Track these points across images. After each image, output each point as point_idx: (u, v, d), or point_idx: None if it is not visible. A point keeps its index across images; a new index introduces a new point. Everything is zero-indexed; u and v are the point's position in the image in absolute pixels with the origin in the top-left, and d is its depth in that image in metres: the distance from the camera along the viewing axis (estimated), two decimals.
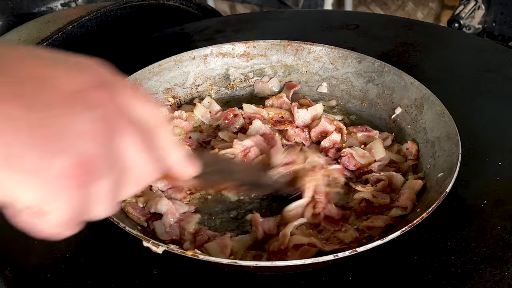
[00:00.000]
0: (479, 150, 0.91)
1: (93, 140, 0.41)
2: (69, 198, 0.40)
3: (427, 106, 0.90)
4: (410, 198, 0.78)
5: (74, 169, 0.40)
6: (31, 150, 0.38)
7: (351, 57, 1.03)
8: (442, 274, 0.71)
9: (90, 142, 0.41)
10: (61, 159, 0.39)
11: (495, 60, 1.17)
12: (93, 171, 0.41)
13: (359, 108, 1.02)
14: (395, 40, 1.26)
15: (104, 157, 0.42)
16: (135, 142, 0.45)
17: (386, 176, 0.84)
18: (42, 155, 0.38)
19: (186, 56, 1.04)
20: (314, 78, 1.07)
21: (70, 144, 0.40)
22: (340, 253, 0.65)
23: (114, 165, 0.43)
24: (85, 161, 0.40)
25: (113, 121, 0.43)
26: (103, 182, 0.42)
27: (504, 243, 0.75)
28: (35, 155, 0.38)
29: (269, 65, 1.08)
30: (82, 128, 0.40)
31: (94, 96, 0.42)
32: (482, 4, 1.83)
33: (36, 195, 0.39)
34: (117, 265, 0.74)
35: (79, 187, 0.41)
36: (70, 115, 0.40)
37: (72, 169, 0.40)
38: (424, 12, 2.74)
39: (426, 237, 0.77)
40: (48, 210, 0.40)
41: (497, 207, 0.81)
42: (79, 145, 0.40)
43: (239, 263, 0.66)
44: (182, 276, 0.73)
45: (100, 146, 0.41)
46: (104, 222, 0.71)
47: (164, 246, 0.66)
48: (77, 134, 0.40)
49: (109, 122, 0.42)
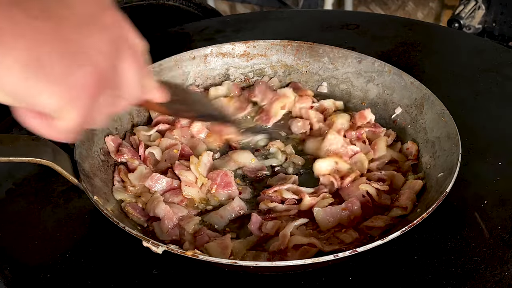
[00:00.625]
0: (479, 150, 0.91)
1: (106, 56, 0.47)
2: (82, 106, 0.46)
3: (427, 106, 0.90)
4: (410, 198, 0.78)
5: (91, 79, 0.45)
6: (59, 60, 0.43)
7: (351, 57, 1.03)
8: (442, 274, 0.71)
9: (104, 57, 0.47)
10: (82, 70, 0.45)
11: (495, 60, 1.17)
12: (103, 83, 0.47)
13: (359, 108, 1.01)
14: (395, 40, 1.26)
15: (111, 72, 0.48)
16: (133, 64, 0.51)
17: (387, 175, 0.84)
18: (69, 65, 0.44)
19: (186, 56, 1.04)
20: (314, 78, 1.07)
21: (90, 58, 0.45)
22: (340, 253, 0.65)
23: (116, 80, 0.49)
24: (99, 73, 0.46)
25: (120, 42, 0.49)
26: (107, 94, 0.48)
27: (504, 243, 0.75)
28: (62, 65, 0.43)
29: (269, 65, 1.08)
30: (99, 45, 0.46)
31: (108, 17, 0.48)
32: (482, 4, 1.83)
33: (57, 101, 0.44)
34: (117, 265, 0.74)
35: (91, 96, 0.46)
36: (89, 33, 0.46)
37: (90, 79, 0.45)
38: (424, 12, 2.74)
39: (426, 237, 0.77)
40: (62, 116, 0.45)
41: (497, 207, 0.81)
42: (97, 59, 0.46)
43: (239, 263, 0.66)
44: (182, 276, 0.73)
45: (110, 62, 0.48)
46: (104, 222, 0.71)
47: (164, 246, 0.66)
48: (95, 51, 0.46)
49: (117, 42, 0.49)
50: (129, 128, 0.95)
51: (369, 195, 0.81)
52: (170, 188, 0.83)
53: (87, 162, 0.80)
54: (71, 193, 0.86)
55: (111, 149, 0.88)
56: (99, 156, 0.85)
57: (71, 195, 0.85)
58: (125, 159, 0.87)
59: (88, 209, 0.82)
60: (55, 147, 0.77)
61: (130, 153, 0.88)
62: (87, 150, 0.82)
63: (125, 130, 0.94)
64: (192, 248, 0.73)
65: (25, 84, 0.43)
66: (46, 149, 0.75)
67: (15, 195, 0.86)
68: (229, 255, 0.72)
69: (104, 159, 0.86)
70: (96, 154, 0.85)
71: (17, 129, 1.00)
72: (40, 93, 0.43)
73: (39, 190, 0.87)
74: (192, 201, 0.82)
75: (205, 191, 0.84)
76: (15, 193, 0.87)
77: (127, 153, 0.87)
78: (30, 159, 0.73)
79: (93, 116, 0.48)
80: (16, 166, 0.89)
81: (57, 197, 0.85)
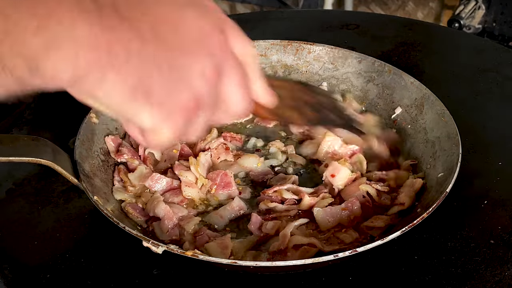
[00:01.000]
0: (479, 150, 0.91)
1: (207, 82, 0.48)
2: (178, 126, 0.49)
3: (427, 106, 0.90)
4: (409, 195, 0.78)
5: (189, 104, 0.48)
6: (163, 86, 0.46)
7: (351, 57, 1.03)
8: (442, 274, 0.71)
9: (205, 83, 0.48)
10: (182, 96, 0.47)
11: (495, 60, 1.17)
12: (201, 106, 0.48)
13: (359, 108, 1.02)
14: (395, 40, 1.26)
15: (212, 95, 0.49)
16: (236, 80, 0.52)
17: (388, 176, 0.84)
18: (171, 90, 0.46)
19: None
20: (314, 78, 1.07)
21: (191, 84, 0.47)
22: (340, 253, 0.65)
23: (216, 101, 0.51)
24: (198, 98, 0.48)
25: (225, 64, 0.50)
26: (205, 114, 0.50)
27: (504, 243, 0.75)
28: (165, 90, 0.46)
29: (269, 65, 1.08)
30: (202, 71, 0.48)
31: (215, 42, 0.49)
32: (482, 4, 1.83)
33: (154, 121, 0.47)
34: (117, 265, 0.74)
35: (187, 119, 0.49)
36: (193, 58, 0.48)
37: (188, 104, 0.47)
38: (424, 12, 2.74)
39: (426, 237, 0.77)
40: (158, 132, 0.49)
41: (497, 207, 0.81)
42: (197, 85, 0.48)
43: (239, 263, 0.66)
44: (182, 276, 0.73)
45: (211, 87, 0.48)
46: (104, 222, 0.71)
47: (164, 246, 0.66)
48: (197, 76, 0.48)
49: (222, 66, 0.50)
50: None
51: (369, 195, 0.80)
52: (170, 188, 0.83)
53: (87, 162, 0.80)
54: (71, 193, 0.86)
55: (111, 149, 0.88)
56: (99, 156, 0.85)
57: (71, 195, 0.85)
58: (125, 159, 0.87)
59: (88, 209, 0.82)
60: (55, 147, 0.77)
61: (130, 153, 0.88)
62: (87, 150, 0.82)
63: (125, 130, 0.94)
64: (192, 248, 0.73)
65: (129, 104, 0.45)
66: (46, 149, 0.75)
67: (15, 195, 0.86)
68: (229, 255, 0.72)
69: (104, 159, 0.86)
70: (96, 154, 0.85)
71: (17, 129, 1.00)
72: (141, 113, 0.46)
73: (39, 190, 0.87)
74: (192, 201, 0.82)
75: (205, 192, 0.84)
76: (15, 193, 0.86)
77: (127, 153, 0.87)
78: (30, 159, 0.73)
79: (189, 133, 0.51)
80: (16, 166, 0.89)
81: (57, 197, 0.85)
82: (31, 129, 1.00)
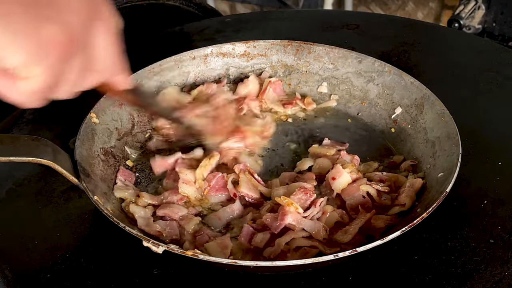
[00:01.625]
0: (479, 150, 0.91)
1: (78, 16, 0.45)
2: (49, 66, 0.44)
3: (427, 106, 0.90)
4: (409, 196, 0.78)
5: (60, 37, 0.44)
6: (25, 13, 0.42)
7: (351, 57, 1.03)
8: (442, 274, 0.71)
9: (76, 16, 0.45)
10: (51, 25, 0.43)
11: (495, 60, 1.17)
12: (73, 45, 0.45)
13: (359, 108, 1.02)
14: (395, 40, 1.26)
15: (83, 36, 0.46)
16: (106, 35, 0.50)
17: (388, 177, 0.84)
18: (35, 19, 0.42)
19: (186, 56, 1.04)
20: (314, 78, 1.07)
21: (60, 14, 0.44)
22: (340, 253, 0.65)
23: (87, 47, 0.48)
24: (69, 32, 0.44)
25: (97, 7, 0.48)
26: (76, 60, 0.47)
27: (504, 243, 0.75)
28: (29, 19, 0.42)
29: (269, 65, 1.08)
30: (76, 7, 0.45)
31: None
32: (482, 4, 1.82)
33: (23, 57, 0.42)
34: (117, 265, 0.74)
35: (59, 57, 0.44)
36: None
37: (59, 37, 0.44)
38: (424, 12, 2.74)
39: (426, 237, 0.77)
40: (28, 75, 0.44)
41: (497, 207, 0.81)
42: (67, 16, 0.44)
43: (239, 263, 0.66)
44: (182, 276, 0.73)
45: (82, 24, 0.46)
46: (104, 222, 0.71)
47: (164, 246, 0.66)
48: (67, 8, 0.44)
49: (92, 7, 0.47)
50: (129, 128, 0.95)
51: (370, 195, 0.80)
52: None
53: (87, 162, 0.80)
54: (71, 193, 0.86)
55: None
56: (99, 156, 0.85)
57: (71, 195, 0.85)
58: None
59: (88, 209, 0.82)
60: (55, 147, 0.77)
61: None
62: (87, 150, 0.82)
63: (125, 130, 0.94)
64: (192, 248, 0.73)
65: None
66: (46, 149, 0.75)
67: (15, 195, 0.86)
68: (229, 254, 0.72)
69: (104, 159, 0.86)
70: (96, 154, 0.85)
71: (17, 129, 1.00)
72: (5, 47, 0.42)
73: (39, 190, 0.87)
74: (189, 200, 0.82)
75: (201, 193, 0.83)
76: (15, 193, 0.87)
77: None
78: (30, 159, 0.73)
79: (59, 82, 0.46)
80: (16, 166, 0.89)
81: (57, 197, 0.86)
82: (31, 129, 1.00)
